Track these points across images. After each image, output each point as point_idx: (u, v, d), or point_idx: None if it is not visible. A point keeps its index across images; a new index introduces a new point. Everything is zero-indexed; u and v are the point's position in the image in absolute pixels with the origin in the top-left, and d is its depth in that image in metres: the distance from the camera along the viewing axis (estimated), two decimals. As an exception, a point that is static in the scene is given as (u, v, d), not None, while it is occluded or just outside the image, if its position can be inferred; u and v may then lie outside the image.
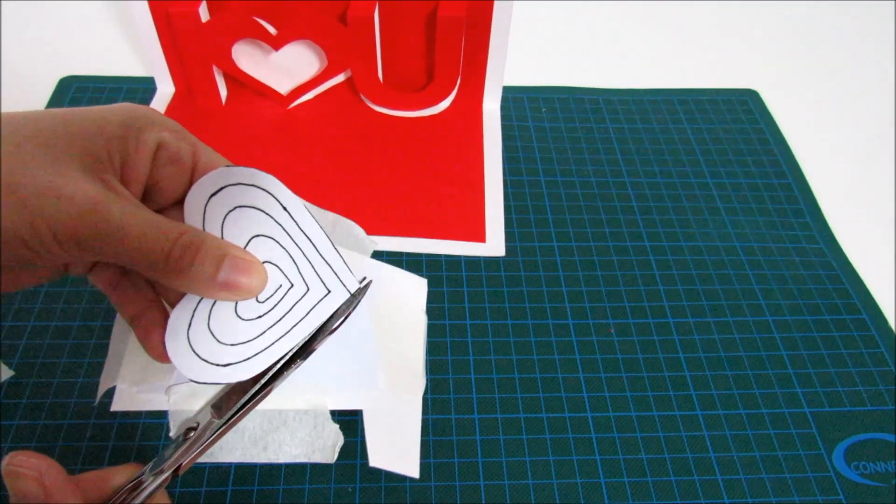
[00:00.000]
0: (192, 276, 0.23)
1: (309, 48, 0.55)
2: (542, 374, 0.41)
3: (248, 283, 0.24)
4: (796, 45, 0.67)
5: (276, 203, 0.25)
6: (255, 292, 0.25)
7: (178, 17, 0.50)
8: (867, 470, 0.38)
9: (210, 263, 0.23)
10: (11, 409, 0.38)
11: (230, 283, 0.23)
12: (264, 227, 0.25)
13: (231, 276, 0.23)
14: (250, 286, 0.24)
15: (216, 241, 0.24)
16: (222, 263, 0.23)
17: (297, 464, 0.36)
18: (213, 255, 0.23)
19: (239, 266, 0.24)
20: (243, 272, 0.24)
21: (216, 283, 0.23)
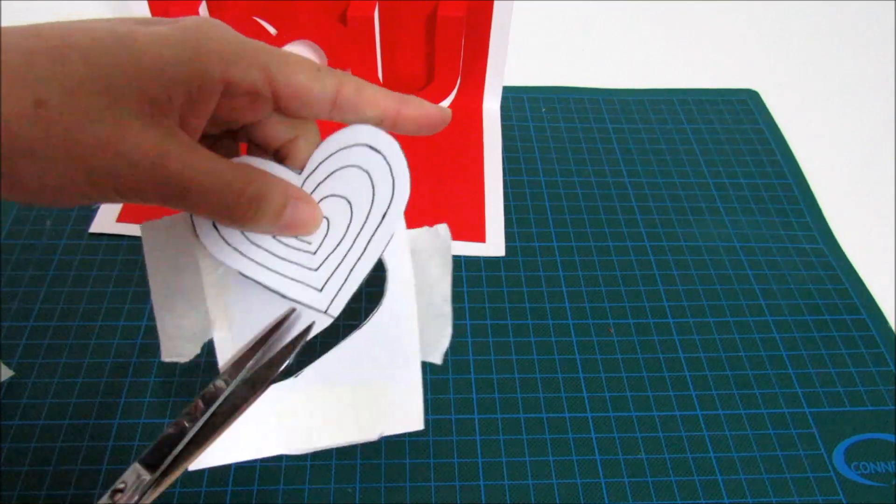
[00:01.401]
0: (257, 223, 0.23)
1: (309, 48, 0.55)
2: (541, 375, 0.41)
3: (308, 220, 0.25)
4: (796, 45, 0.67)
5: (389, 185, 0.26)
6: (314, 228, 0.25)
7: (177, 17, 0.50)
8: (867, 470, 0.38)
9: (271, 216, 0.23)
10: (11, 409, 0.38)
11: (292, 222, 0.24)
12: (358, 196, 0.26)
13: (293, 217, 0.24)
14: (310, 223, 0.25)
15: (280, 186, 0.24)
16: (285, 210, 0.24)
17: (297, 464, 0.36)
18: (277, 201, 0.23)
19: (301, 209, 0.24)
20: (305, 214, 0.24)
21: (279, 224, 0.24)
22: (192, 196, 0.21)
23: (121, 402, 0.38)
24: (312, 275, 0.26)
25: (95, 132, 0.19)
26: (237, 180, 0.22)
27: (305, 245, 0.26)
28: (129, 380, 0.39)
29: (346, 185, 0.26)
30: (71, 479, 0.35)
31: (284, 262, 0.26)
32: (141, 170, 0.20)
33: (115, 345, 0.41)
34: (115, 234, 0.46)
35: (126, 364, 0.40)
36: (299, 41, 0.53)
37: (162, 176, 0.20)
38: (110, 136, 0.19)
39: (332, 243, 0.26)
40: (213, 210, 0.22)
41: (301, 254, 0.26)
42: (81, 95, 0.19)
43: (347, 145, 0.26)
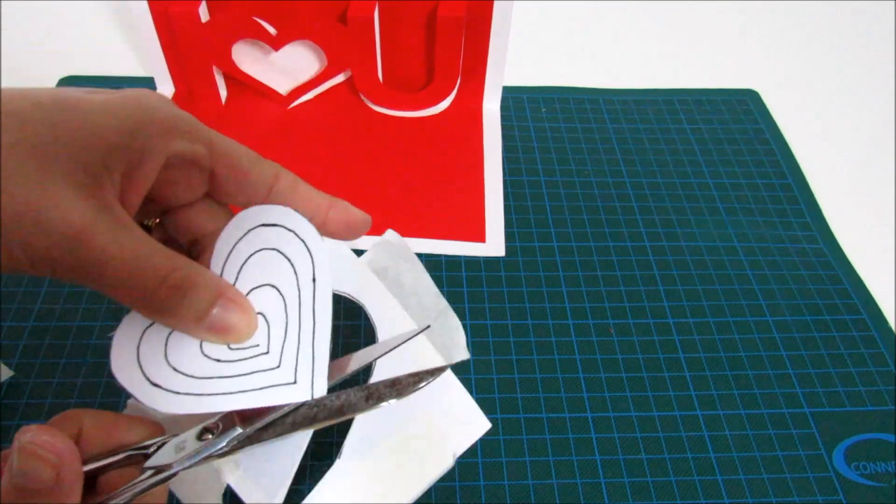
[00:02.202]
0: (179, 318, 0.21)
1: (309, 48, 0.55)
2: (542, 375, 0.41)
3: (238, 328, 0.22)
4: (796, 45, 0.67)
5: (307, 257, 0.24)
6: (242, 339, 0.23)
7: (178, 17, 0.50)
8: (867, 470, 0.38)
9: (196, 310, 0.21)
10: (11, 409, 0.38)
11: (219, 326, 0.22)
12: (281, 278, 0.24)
13: (222, 318, 0.22)
14: (239, 332, 0.22)
15: (210, 281, 0.22)
16: (214, 305, 0.22)
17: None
18: (205, 298, 0.21)
19: (231, 311, 0.22)
20: (235, 315, 0.22)
21: (203, 326, 0.22)
22: (110, 277, 0.19)
23: (121, 401, 0.38)
24: (278, 373, 0.23)
25: (19, 197, 0.18)
26: (163, 266, 0.20)
27: (253, 349, 0.23)
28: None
29: (266, 271, 0.24)
30: (71, 479, 0.35)
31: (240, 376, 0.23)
32: (61, 243, 0.18)
33: (115, 345, 0.41)
34: (115, 234, 0.46)
35: (126, 364, 0.40)
36: (299, 41, 0.53)
37: (83, 250, 0.19)
38: (34, 203, 0.18)
39: (280, 333, 0.24)
40: (133, 295, 0.20)
41: (254, 359, 0.23)
42: (10, 160, 0.18)
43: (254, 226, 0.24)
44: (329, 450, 0.37)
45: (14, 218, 0.18)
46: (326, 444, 0.37)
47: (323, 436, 0.38)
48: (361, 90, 0.56)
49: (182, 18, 0.50)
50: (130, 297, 0.20)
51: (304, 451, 0.26)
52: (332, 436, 0.38)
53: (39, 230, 0.18)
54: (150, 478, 0.22)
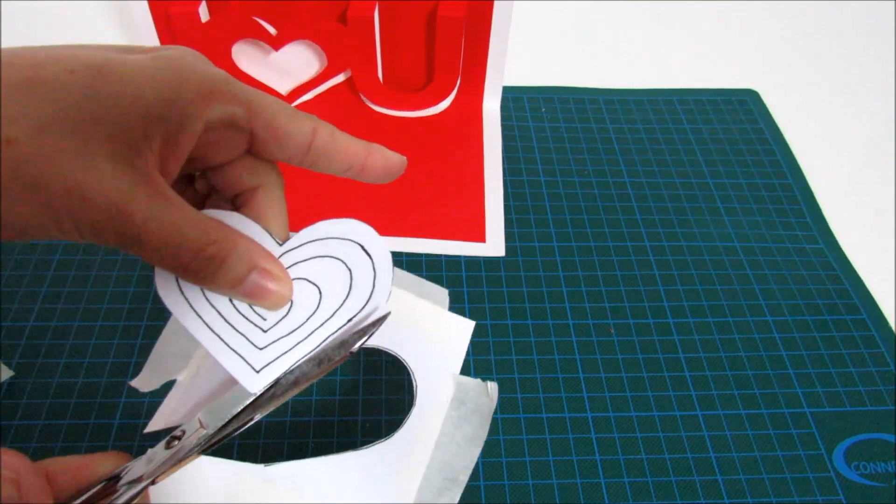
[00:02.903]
0: (215, 286, 0.22)
1: (309, 48, 0.55)
2: (542, 375, 0.41)
3: (273, 293, 0.23)
4: (796, 45, 0.67)
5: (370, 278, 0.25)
6: (280, 305, 0.24)
7: (177, 17, 0.50)
8: (867, 470, 0.38)
9: (232, 277, 0.22)
10: (11, 409, 0.38)
11: (253, 291, 0.23)
12: (331, 289, 0.25)
13: (257, 285, 0.22)
14: (275, 298, 0.23)
15: (247, 249, 0.22)
16: (249, 276, 0.22)
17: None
18: (236, 272, 0.22)
19: (267, 278, 0.23)
20: (270, 288, 0.23)
21: (238, 290, 0.22)
22: (150, 247, 0.20)
23: (121, 402, 0.38)
24: (255, 353, 0.24)
25: (64, 174, 0.19)
26: (199, 238, 0.21)
27: (259, 319, 0.24)
28: (129, 380, 0.39)
29: (324, 276, 0.25)
30: (71, 479, 0.35)
31: (231, 330, 0.24)
32: (105, 216, 0.19)
33: (115, 345, 0.41)
34: (115, 234, 0.46)
35: (126, 364, 0.40)
36: (299, 41, 0.53)
37: (123, 224, 0.20)
38: (79, 180, 0.19)
39: (288, 328, 0.25)
40: (170, 264, 0.21)
41: (252, 327, 0.24)
42: (52, 135, 0.19)
43: (338, 237, 0.25)
44: (329, 449, 0.37)
45: (63, 194, 0.19)
46: (326, 443, 0.37)
47: (323, 435, 0.38)
48: (361, 90, 0.56)
49: (182, 18, 0.50)
50: (168, 265, 0.21)
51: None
52: (332, 436, 0.38)
53: (85, 205, 0.19)
54: (124, 493, 0.22)
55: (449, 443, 0.30)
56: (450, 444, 0.30)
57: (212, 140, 0.23)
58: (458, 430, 0.30)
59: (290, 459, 0.36)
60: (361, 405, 0.39)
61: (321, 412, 0.39)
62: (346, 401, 0.39)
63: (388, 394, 0.39)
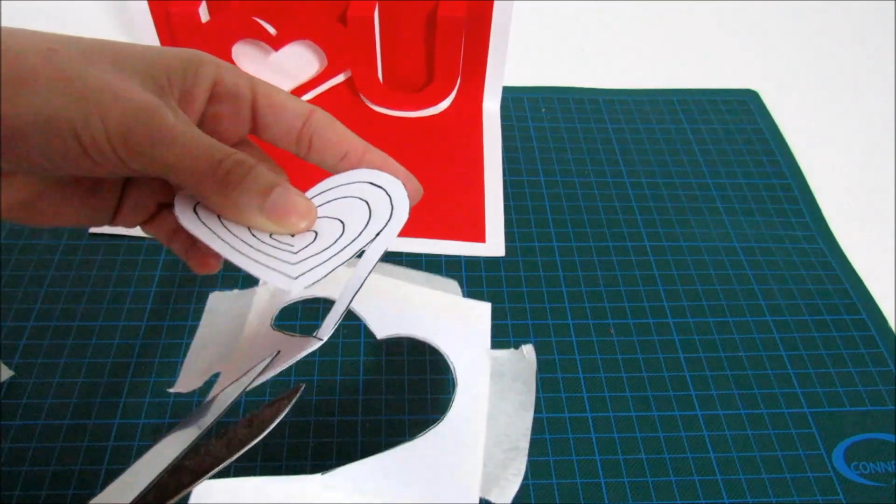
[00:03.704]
0: (239, 196, 0.22)
1: (309, 48, 0.55)
2: (542, 375, 0.41)
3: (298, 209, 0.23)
4: (796, 45, 0.67)
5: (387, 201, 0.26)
6: (300, 225, 0.23)
7: (177, 17, 0.50)
8: (867, 470, 0.38)
9: (260, 185, 0.22)
10: (11, 409, 0.38)
11: (277, 210, 0.22)
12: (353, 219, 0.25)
13: (279, 203, 0.22)
14: (299, 215, 0.23)
15: (269, 171, 0.23)
16: (272, 191, 0.22)
17: (297, 464, 0.37)
18: (263, 180, 0.22)
19: (289, 196, 0.23)
20: (293, 203, 0.23)
21: (263, 208, 0.22)
22: (180, 148, 0.21)
23: (121, 402, 0.38)
24: (289, 266, 0.23)
25: (100, 77, 0.20)
26: (227, 150, 0.22)
27: (287, 245, 0.24)
28: (129, 380, 0.39)
29: (343, 210, 0.25)
30: (71, 479, 0.35)
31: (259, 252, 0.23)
32: (137, 114, 0.20)
33: (115, 345, 0.41)
34: (115, 234, 0.46)
35: (126, 364, 0.40)
36: (299, 41, 0.53)
37: (156, 122, 0.20)
38: (113, 82, 0.20)
39: (317, 249, 0.24)
40: (198, 167, 0.21)
41: (280, 249, 0.24)
42: (91, 55, 0.21)
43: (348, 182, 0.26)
44: (328, 449, 0.37)
45: (97, 91, 0.20)
46: (326, 443, 0.37)
47: (323, 436, 0.38)
48: (361, 90, 0.56)
49: (182, 18, 0.50)
50: (195, 174, 0.21)
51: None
52: (332, 436, 0.38)
53: (116, 103, 0.20)
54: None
55: (499, 415, 0.30)
56: (500, 416, 0.30)
57: (220, 112, 0.24)
58: (504, 401, 0.31)
59: (290, 460, 0.37)
60: (361, 405, 0.39)
61: (321, 412, 0.39)
62: (346, 401, 0.39)
63: (387, 394, 0.39)
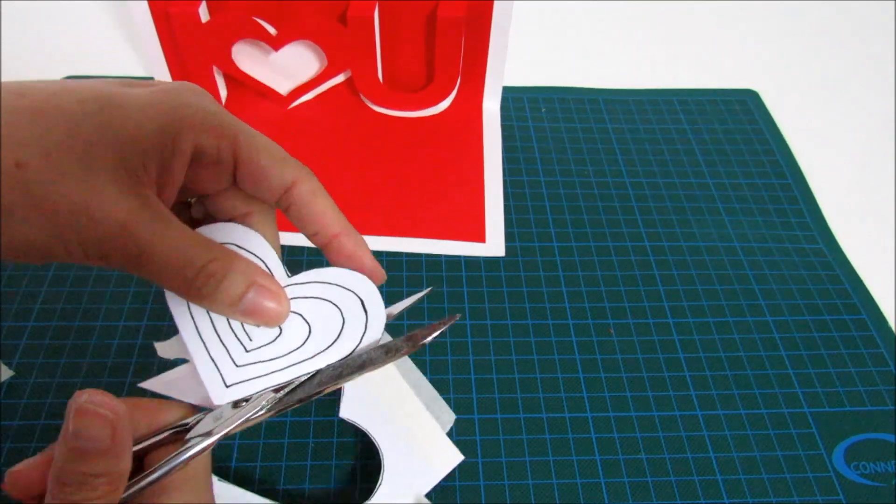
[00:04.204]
0: (216, 302, 0.23)
1: (309, 48, 0.55)
2: (541, 375, 0.41)
3: (270, 311, 0.24)
4: (796, 45, 0.67)
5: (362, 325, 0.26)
6: (276, 322, 0.24)
7: (178, 17, 0.50)
8: (867, 470, 0.38)
9: (231, 295, 0.23)
10: (11, 409, 0.38)
11: (252, 309, 0.23)
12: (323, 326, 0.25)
13: (255, 302, 0.23)
14: (272, 315, 0.24)
15: (245, 268, 0.23)
16: (248, 292, 0.23)
17: (297, 465, 0.37)
18: (238, 283, 0.23)
19: (263, 296, 0.23)
20: (267, 303, 0.24)
21: (237, 308, 0.23)
22: (154, 266, 0.21)
23: (121, 402, 0.38)
24: (231, 369, 0.25)
25: (71, 196, 0.20)
26: (201, 255, 0.22)
27: (245, 338, 0.25)
28: (129, 380, 0.39)
29: (318, 317, 0.26)
30: (71, 479, 0.35)
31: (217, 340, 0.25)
32: (110, 236, 0.20)
33: (115, 345, 0.41)
34: (115, 234, 0.46)
35: (126, 364, 0.40)
36: (299, 41, 0.53)
37: (129, 244, 0.21)
38: (85, 200, 0.20)
39: (269, 354, 0.25)
40: (174, 282, 0.22)
41: (236, 343, 0.25)
42: (60, 159, 0.20)
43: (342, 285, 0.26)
44: (328, 449, 0.37)
45: (71, 215, 0.20)
46: (326, 443, 0.37)
47: (323, 436, 0.38)
48: (361, 90, 0.56)
49: (182, 18, 0.50)
50: (172, 283, 0.22)
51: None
52: (332, 436, 0.38)
53: (92, 225, 0.20)
54: (196, 444, 0.23)
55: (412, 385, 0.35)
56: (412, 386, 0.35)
57: (200, 173, 0.24)
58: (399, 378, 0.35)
59: (290, 460, 0.37)
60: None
61: (321, 412, 0.39)
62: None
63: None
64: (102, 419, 0.20)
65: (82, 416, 0.20)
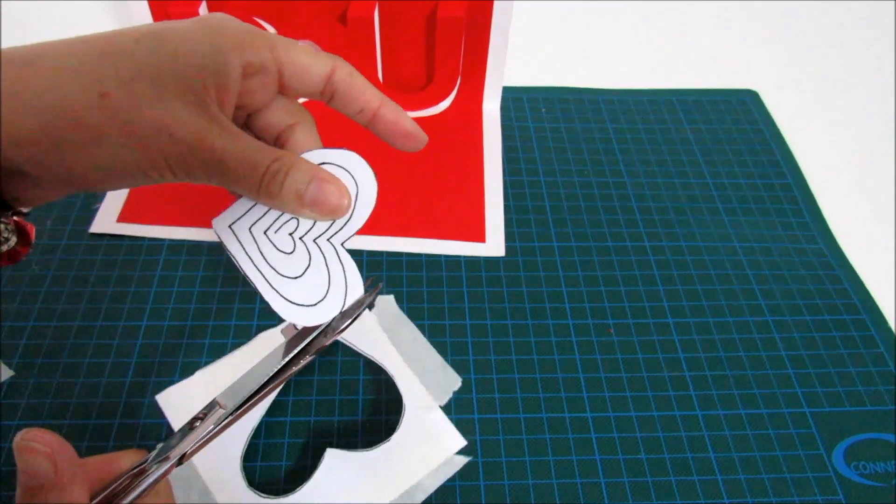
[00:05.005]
0: (283, 197, 0.25)
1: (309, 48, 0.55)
2: (541, 375, 0.41)
3: (332, 201, 0.26)
4: (796, 45, 0.67)
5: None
6: (338, 212, 0.26)
7: (177, 17, 0.50)
8: (867, 470, 0.38)
9: (298, 184, 0.25)
10: (11, 409, 0.38)
11: (316, 200, 0.25)
12: None
13: (317, 195, 0.25)
14: (334, 205, 0.26)
15: (306, 165, 0.25)
16: (309, 185, 0.25)
17: (297, 467, 0.37)
18: (301, 178, 0.25)
19: (325, 187, 0.26)
20: (329, 192, 0.26)
21: (303, 201, 0.25)
22: (230, 171, 0.24)
23: (121, 401, 0.38)
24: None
25: (151, 117, 0.22)
26: (266, 157, 0.25)
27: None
28: (130, 379, 0.39)
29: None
30: (71, 479, 0.35)
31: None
32: (189, 149, 0.23)
33: (115, 345, 0.41)
34: (115, 234, 0.46)
35: (126, 364, 0.40)
36: (299, 41, 0.53)
37: (206, 154, 0.23)
38: (163, 119, 0.23)
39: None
40: (247, 183, 0.25)
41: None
42: (136, 87, 0.22)
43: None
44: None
45: (154, 134, 0.22)
46: (326, 444, 0.37)
47: (323, 435, 0.38)
48: (361, 90, 0.56)
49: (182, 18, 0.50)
50: (246, 184, 0.25)
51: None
52: (332, 436, 0.38)
53: (172, 140, 0.23)
54: (153, 472, 0.24)
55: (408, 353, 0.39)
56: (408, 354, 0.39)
57: (251, 86, 0.26)
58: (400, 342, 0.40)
59: (290, 460, 0.37)
60: (361, 405, 0.39)
61: (321, 412, 0.39)
62: (346, 401, 0.39)
63: (388, 394, 0.39)
64: (41, 454, 0.22)
65: (22, 454, 0.22)
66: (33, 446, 0.22)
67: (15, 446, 0.22)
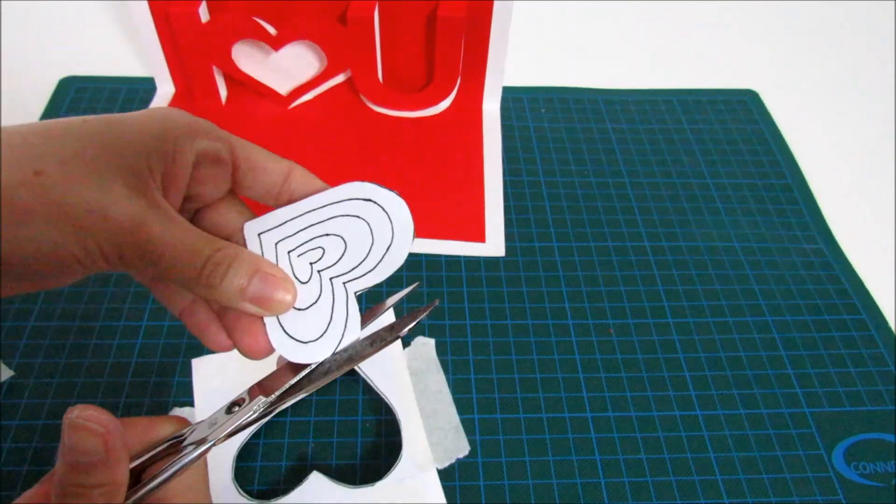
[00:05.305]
0: (223, 290, 0.24)
1: (309, 48, 0.55)
2: (541, 375, 0.41)
3: (275, 299, 0.24)
4: (796, 45, 0.67)
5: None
6: (282, 309, 0.25)
7: (178, 17, 0.50)
8: (867, 470, 0.38)
9: (240, 279, 0.24)
10: (11, 409, 0.38)
11: (259, 297, 0.24)
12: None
13: (261, 291, 0.24)
14: (277, 303, 0.24)
15: (250, 256, 0.24)
16: (252, 279, 0.24)
17: (298, 466, 0.37)
18: (244, 270, 0.24)
19: (269, 281, 0.24)
20: (273, 288, 0.24)
21: (245, 298, 0.24)
22: (167, 259, 0.22)
23: (121, 401, 0.38)
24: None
25: (86, 199, 0.21)
26: (206, 247, 0.23)
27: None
28: (129, 380, 0.39)
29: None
30: (71, 479, 0.35)
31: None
32: (124, 232, 0.22)
33: (115, 345, 0.41)
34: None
35: (126, 364, 0.40)
36: (299, 41, 0.53)
37: (142, 239, 0.22)
38: (99, 200, 0.21)
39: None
40: (185, 276, 0.23)
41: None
42: (74, 167, 0.21)
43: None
44: (328, 449, 0.37)
45: (88, 215, 0.21)
46: (326, 443, 0.37)
47: (323, 436, 0.38)
48: (361, 90, 0.56)
49: (182, 18, 0.50)
50: (183, 276, 0.23)
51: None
52: (332, 436, 0.38)
53: (107, 224, 0.21)
54: (190, 453, 0.24)
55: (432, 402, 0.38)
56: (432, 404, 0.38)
57: (201, 176, 0.25)
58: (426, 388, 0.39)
59: (290, 460, 0.37)
60: (361, 405, 0.39)
61: (321, 412, 0.39)
62: (346, 401, 0.39)
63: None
64: (94, 433, 0.22)
65: (75, 431, 0.22)
66: (89, 426, 0.22)
67: (67, 422, 0.22)
